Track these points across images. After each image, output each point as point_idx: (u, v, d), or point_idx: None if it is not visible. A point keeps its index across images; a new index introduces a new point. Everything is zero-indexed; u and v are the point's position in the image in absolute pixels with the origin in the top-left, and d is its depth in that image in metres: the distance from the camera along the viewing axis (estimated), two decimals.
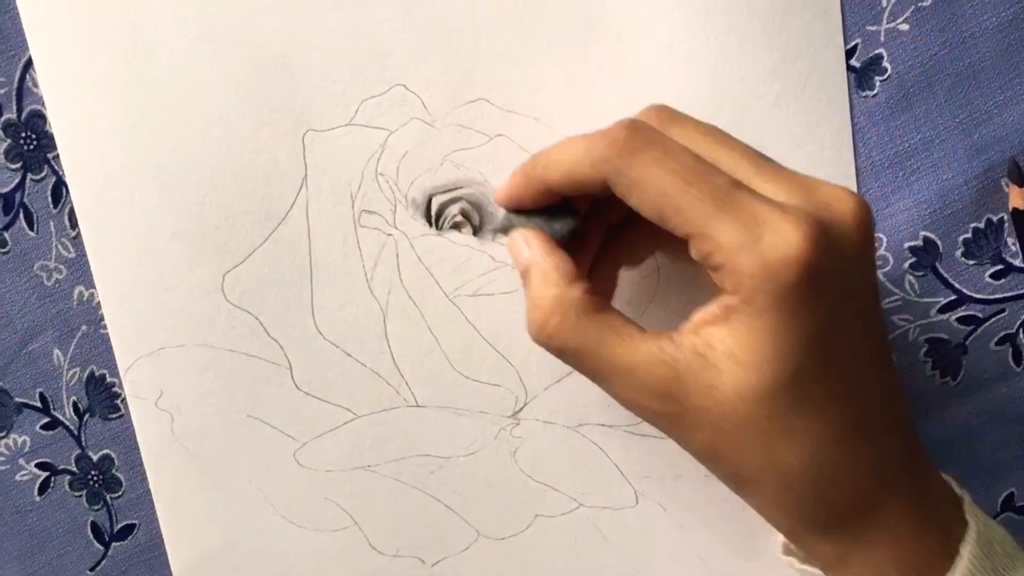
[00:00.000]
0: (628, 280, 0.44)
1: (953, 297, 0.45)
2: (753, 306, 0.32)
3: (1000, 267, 0.45)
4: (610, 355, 0.35)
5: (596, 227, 0.41)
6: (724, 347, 0.33)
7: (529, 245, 0.38)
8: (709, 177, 0.33)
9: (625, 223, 0.41)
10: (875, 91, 0.43)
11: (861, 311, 0.34)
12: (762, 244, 0.32)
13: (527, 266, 0.37)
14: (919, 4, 0.42)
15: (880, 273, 0.45)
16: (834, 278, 0.32)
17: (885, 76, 0.43)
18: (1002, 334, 0.46)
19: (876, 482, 0.35)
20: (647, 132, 0.34)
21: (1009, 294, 0.45)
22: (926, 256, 0.45)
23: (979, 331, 0.45)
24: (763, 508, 0.36)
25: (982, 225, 0.44)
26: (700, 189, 0.33)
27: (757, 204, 0.32)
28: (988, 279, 0.45)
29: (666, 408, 0.34)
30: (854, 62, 0.43)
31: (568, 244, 0.38)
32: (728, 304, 0.33)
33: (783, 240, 0.31)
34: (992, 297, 0.45)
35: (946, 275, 0.45)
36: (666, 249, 0.42)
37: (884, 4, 0.43)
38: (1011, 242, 0.44)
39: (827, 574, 0.37)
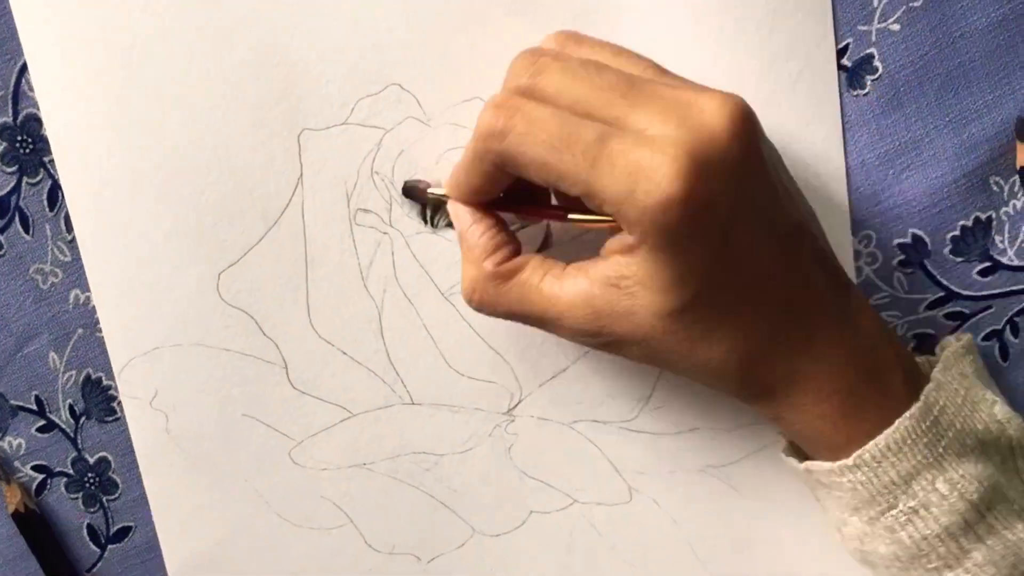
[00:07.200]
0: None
1: (941, 294, 0.46)
2: (647, 244, 0.35)
3: (988, 264, 0.45)
4: (533, 310, 0.39)
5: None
6: (634, 275, 0.36)
7: (457, 219, 0.41)
8: (576, 137, 0.35)
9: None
10: (866, 90, 0.44)
11: (760, 212, 0.36)
12: (638, 193, 0.33)
13: (459, 239, 0.40)
14: (910, 4, 0.43)
15: (869, 269, 0.45)
16: (719, 198, 0.34)
17: (876, 75, 0.44)
18: (989, 330, 0.46)
19: (799, 352, 0.38)
20: (507, 108, 0.36)
21: (996, 291, 0.46)
22: (915, 253, 0.45)
23: (966, 327, 0.46)
24: (703, 384, 0.40)
25: (970, 223, 0.45)
26: (572, 152, 0.34)
27: (627, 152, 0.34)
28: (976, 276, 0.46)
29: (599, 340, 0.38)
30: (846, 61, 0.43)
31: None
32: (628, 242, 0.35)
33: (655, 185, 0.33)
34: (979, 294, 0.46)
35: (934, 272, 0.45)
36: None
37: (875, 4, 0.43)
38: (999, 239, 0.45)
39: (776, 426, 0.41)
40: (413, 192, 0.44)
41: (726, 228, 0.35)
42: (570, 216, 0.39)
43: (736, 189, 0.35)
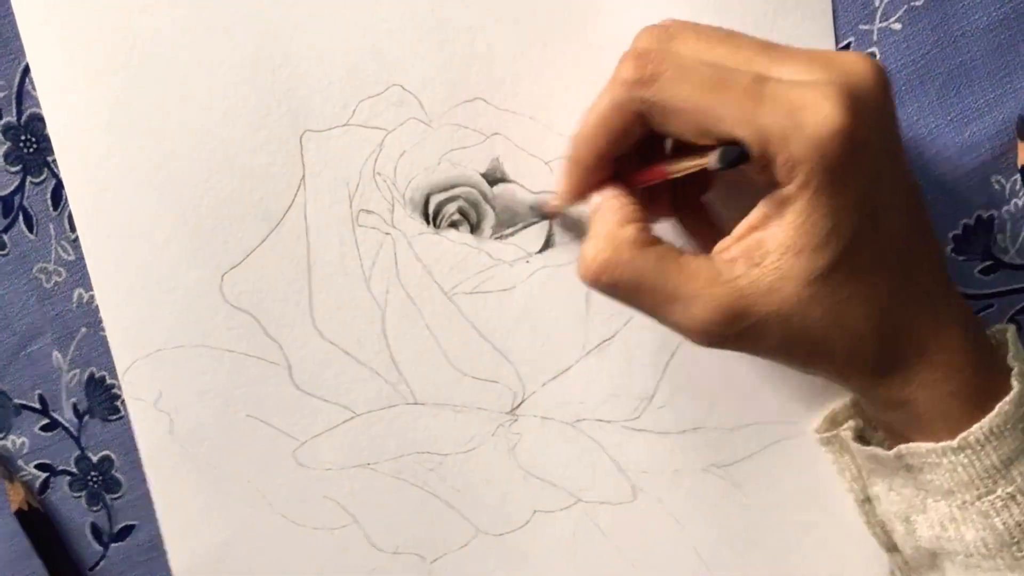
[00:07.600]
0: None
1: None
2: (810, 188, 0.34)
3: (990, 263, 0.45)
4: (667, 283, 0.36)
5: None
6: (779, 244, 0.35)
7: (600, 193, 0.39)
8: (733, 79, 0.34)
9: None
10: None
11: (896, 165, 0.36)
12: (807, 127, 0.33)
13: (592, 211, 0.39)
14: (911, 3, 0.43)
15: None
16: (871, 139, 0.34)
17: None
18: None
19: (931, 323, 0.37)
20: (654, 56, 0.35)
21: (998, 290, 0.46)
22: None
23: None
24: (833, 373, 0.38)
25: (972, 222, 0.45)
26: (732, 92, 0.34)
27: (788, 90, 0.34)
28: (978, 275, 0.46)
29: (734, 329, 0.36)
30: None
31: None
32: (783, 196, 0.34)
33: (823, 117, 0.33)
34: (981, 292, 0.46)
35: None
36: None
37: (877, 3, 0.43)
38: (1000, 238, 0.45)
39: (893, 416, 0.39)
40: (540, 212, 0.44)
41: (876, 168, 0.35)
42: (669, 168, 0.37)
43: (880, 134, 0.35)
